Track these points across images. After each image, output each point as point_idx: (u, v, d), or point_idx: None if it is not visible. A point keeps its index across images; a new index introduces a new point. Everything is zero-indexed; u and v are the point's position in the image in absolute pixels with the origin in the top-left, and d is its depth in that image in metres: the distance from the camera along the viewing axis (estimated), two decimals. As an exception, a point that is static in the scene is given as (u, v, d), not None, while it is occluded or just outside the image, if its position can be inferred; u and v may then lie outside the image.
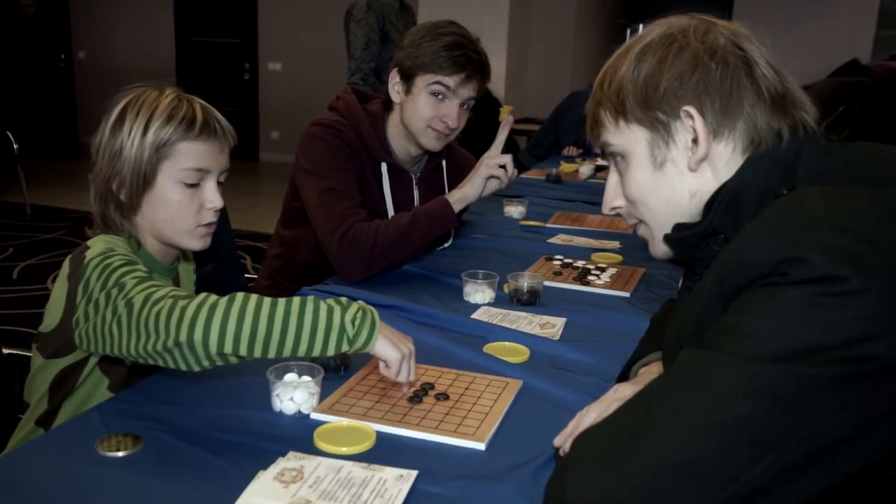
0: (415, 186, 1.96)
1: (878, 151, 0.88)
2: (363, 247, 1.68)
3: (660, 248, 1.00)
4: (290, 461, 0.98)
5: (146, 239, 1.28)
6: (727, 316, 0.75)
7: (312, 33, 8.03)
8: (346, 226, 1.70)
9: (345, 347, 1.07)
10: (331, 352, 1.07)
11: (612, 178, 1.03)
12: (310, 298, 1.08)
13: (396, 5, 3.81)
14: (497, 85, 5.44)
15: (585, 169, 3.46)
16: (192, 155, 1.23)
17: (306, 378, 1.14)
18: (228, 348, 1.02)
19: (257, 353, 1.03)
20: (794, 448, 0.68)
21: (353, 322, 1.07)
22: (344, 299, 1.10)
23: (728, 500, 0.68)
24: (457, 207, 1.81)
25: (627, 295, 1.73)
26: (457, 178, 2.08)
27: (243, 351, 1.03)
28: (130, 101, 1.23)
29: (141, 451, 0.99)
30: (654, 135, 0.93)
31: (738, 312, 0.74)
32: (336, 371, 1.25)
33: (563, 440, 1.00)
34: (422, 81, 1.78)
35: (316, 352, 1.06)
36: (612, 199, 1.03)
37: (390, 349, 1.12)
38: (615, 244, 2.17)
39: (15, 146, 5.54)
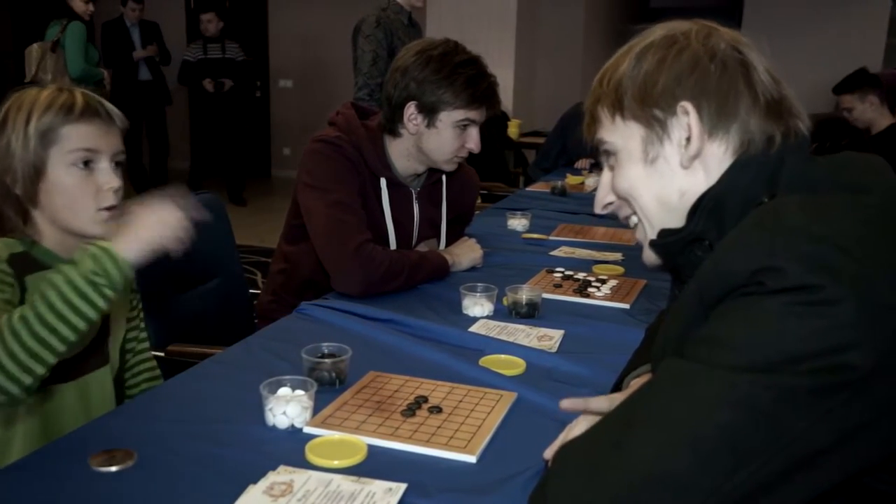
0: (415, 201, 1.97)
1: (858, 160, 0.88)
2: (377, 266, 1.72)
3: (649, 255, 1.01)
4: (280, 475, 0.98)
5: (45, 234, 1.27)
6: (706, 326, 0.75)
7: (322, 51, 8.09)
8: (362, 238, 1.73)
9: (109, 292, 1.10)
10: (103, 304, 1.09)
11: (605, 176, 1.03)
12: (51, 280, 1.09)
13: (405, 21, 3.84)
14: (505, 98, 5.42)
15: (591, 181, 3.46)
16: (76, 137, 1.23)
17: (299, 392, 1.15)
18: (24, 366, 1.05)
19: (50, 359, 1.07)
20: (774, 458, 0.67)
21: (94, 273, 1.09)
22: (83, 257, 1.11)
23: None
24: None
25: (627, 307, 1.73)
26: (458, 192, 2.09)
27: (33, 365, 1.06)
28: (13, 102, 1.24)
29: (134, 465, 1.00)
30: (650, 132, 0.94)
31: (717, 323, 0.74)
32: (331, 385, 1.26)
33: (553, 452, 1.00)
34: (448, 118, 1.81)
35: (94, 314, 1.09)
36: (604, 196, 1.03)
37: (146, 235, 1.14)
38: (617, 256, 2.17)
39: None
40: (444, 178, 2.03)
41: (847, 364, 0.66)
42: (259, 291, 2.20)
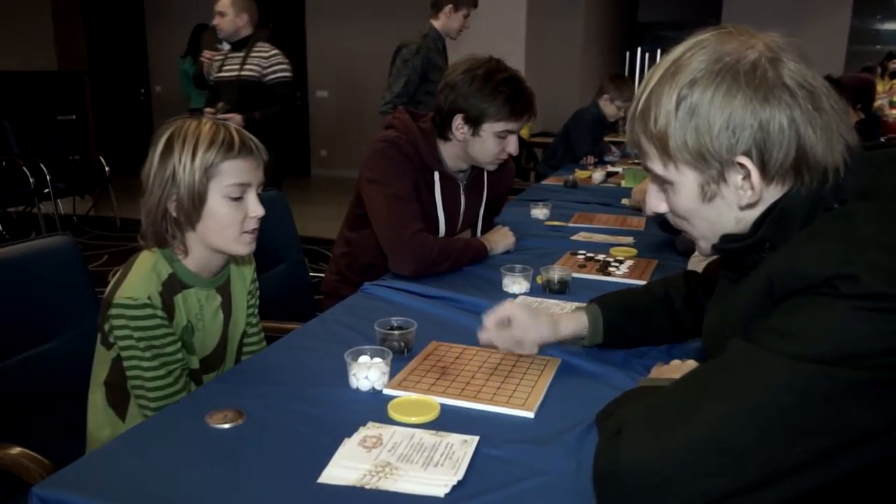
0: (462, 192, 1.98)
1: None
2: (427, 251, 1.72)
3: (705, 251, 0.92)
4: (370, 430, 0.99)
5: (194, 251, 1.28)
6: (776, 317, 0.73)
7: (354, 67, 8.09)
8: (416, 227, 1.74)
9: None
10: None
11: (653, 187, 0.91)
12: None
13: (440, 47, 3.79)
14: (517, 104, 5.43)
15: (598, 175, 3.46)
16: (234, 172, 1.23)
17: (377, 359, 1.15)
18: None
19: None
20: (827, 438, 0.67)
21: None
22: None
23: (760, 478, 0.68)
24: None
25: (644, 283, 1.72)
26: (496, 180, 2.09)
27: None
28: (175, 132, 1.22)
29: (244, 423, 1.01)
30: (706, 176, 0.82)
31: (787, 315, 0.72)
32: (400, 353, 1.26)
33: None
34: (490, 128, 1.79)
35: None
36: (656, 205, 0.91)
37: None
38: (630, 239, 2.16)
39: (107, 168, 5.65)
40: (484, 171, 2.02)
41: None
42: (311, 274, 2.21)
